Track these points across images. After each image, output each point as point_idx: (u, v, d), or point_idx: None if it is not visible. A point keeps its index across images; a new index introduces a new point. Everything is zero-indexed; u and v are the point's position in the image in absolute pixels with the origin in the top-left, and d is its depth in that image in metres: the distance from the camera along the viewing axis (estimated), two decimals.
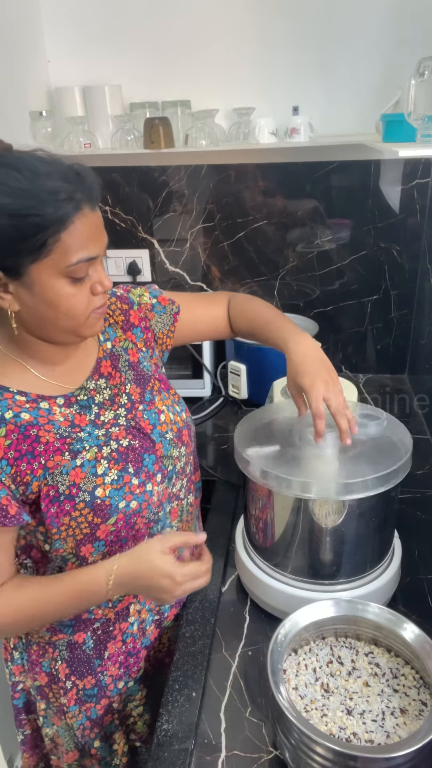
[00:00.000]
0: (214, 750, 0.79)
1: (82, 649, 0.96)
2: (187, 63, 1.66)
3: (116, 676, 1.00)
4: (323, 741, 0.66)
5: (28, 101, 1.66)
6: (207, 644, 0.94)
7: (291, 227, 1.77)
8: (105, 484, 0.85)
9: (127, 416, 0.92)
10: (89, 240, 0.76)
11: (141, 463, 0.90)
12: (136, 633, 1.00)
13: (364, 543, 0.93)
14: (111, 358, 0.95)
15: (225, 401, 1.76)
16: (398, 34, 1.54)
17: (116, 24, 1.65)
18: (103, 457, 0.86)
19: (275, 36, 1.61)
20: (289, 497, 0.90)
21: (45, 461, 0.81)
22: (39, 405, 0.83)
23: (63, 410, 0.85)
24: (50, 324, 0.80)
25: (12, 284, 0.76)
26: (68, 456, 0.83)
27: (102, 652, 0.97)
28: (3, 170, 0.72)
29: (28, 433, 0.80)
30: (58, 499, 0.82)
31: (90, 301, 0.80)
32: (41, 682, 0.99)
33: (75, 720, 1.00)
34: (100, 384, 0.92)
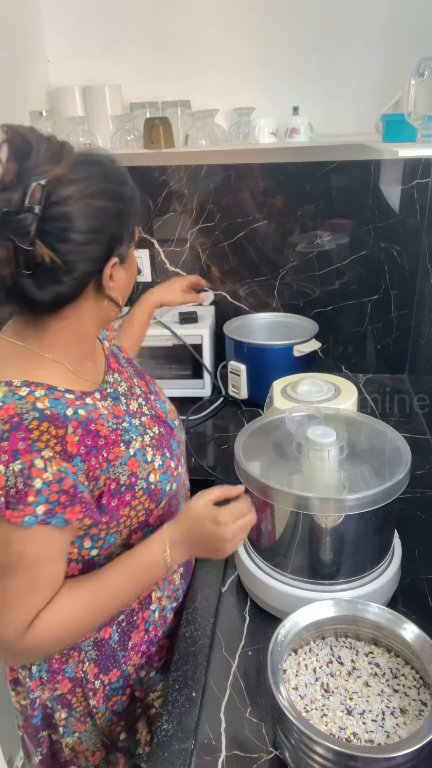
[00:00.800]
0: (214, 750, 0.79)
1: (108, 644, 0.95)
2: (187, 63, 1.66)
3: (138, 665, 0.99)
4: (323, 741, 0.66)
5: (28, 101, 1.66)
6: (207, 644, 0.94)
7: (291, 227, 1.77)
8: (155, 469, 0.89)
9: (147, 406, 0.97)
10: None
11: (171, 448, 0.96)
12: (157, 621, 1.00)
13: (364, 543, 0.93)
14: (113, 355, 1.00)
15: (225, 401, 1.76)
16: (398, 34, 1.54)
17: (116, 24, 1.66)
18: (147, 444, 0.90)
19: (275, 36, 1.61)
20: (289, 497, 0.90)
21: (107, 454, 0.82)
22: (86, 401, 0.83)
23: (103, 403, 0.87)
24: (122, 302, 0.87)
25: (117, 270, 0.82)
26: (123, 447, 0.85)
27: (126, 643, 0.97)
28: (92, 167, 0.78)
29: (89, 428, 0.81)
30: (119, 491, 0.84)
31: None
32: (63, 690, 0.95)
33: (103, 719, 0.98)
34: (116, 377, 0.95)
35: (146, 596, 0.98)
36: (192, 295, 1.33)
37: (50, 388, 0.79)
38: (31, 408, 0.74)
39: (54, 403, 0.77)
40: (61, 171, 0.71)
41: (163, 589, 1.01)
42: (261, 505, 0.96)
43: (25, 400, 0.75)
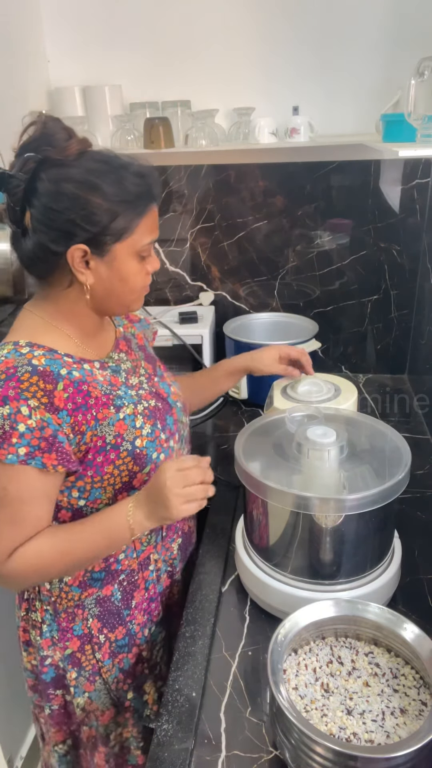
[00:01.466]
0: (214, 750, 0.79)
1: (110, 601, 1.02)
2: (187, 63, 1.66)
3: (142, 623, 1.06)
4: (323, 741, 0.66)
5: (28, 101, 1.66)
6: (207, 644, 0.94)
7: (291, 227, 1.77)
8: (142, 436, 0.96)
9: (148, 383, 1.05)
10: (155, 226, 0.92)
11: (165, 421, 1.02)
12: (155, 579, 1.07)
13: (364, 543, 0.93)
14: (125, 339, 1.08)
15: (225, 401, 1.76)
16: (398, 34, 1.54)
17: (116, 24, 1.66)
18: (139, 413, 0.97)
19: (275, 36, 1.61)
20: (289, 497, 0.90)
21: (96, 413, 0.91)
22: (83, 366, 0.93)
23: (101, 372, 0.96)
24: (115, 296, 0.93)
25: (93, 260, 0.88)
26: (113, 409, 0.93)
27: (129, 602, 1.04)
28: (95, 162, 0.86)
29: (80, 388, 0.89)
30: (104, 448, 0.92)
31: (145, 279, 0.95)
32: (73, 649, 1.03)
33: (110, 674, 1.05)
34: (122, 356, 1.04)
35: (145, 558, 1.04)
36: (283, 367, 1.24)
37: (50, 350, 0.90)
38: (26, 363, 0.86)
39: (50, 362, 0.88)
40: (55, 154, 0.84)
41: (160, 552, 1.07)
42: (261, 505, 0.96)
43: (24, 357, 0.87)
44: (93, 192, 0.84)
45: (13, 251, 0.92)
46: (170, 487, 0.86)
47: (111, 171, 0.86)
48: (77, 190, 0.84)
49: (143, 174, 0.89)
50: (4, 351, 0.88)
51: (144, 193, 0.88)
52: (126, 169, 0.87)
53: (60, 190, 0.83)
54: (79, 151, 0.86)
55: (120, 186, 0.86)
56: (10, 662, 1.49)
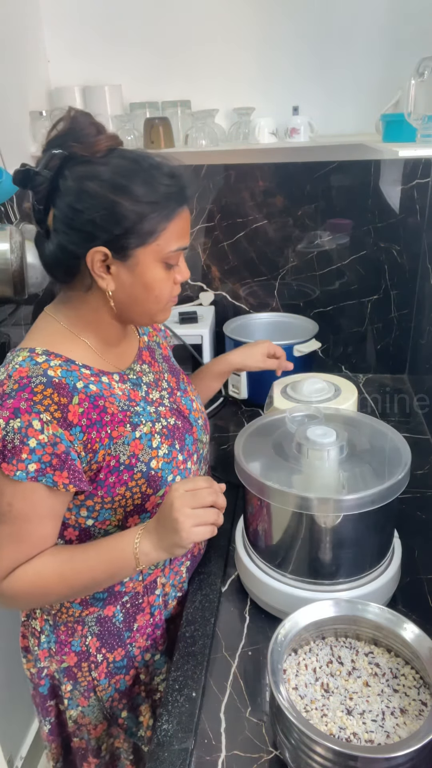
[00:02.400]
0: (214, 750, 0.79)
1: (111, 622, 0.98)
2: (187, 63, 1.66)
3: (144, 647, 1.02)
4: (323, 741, 0.66)
5: (28, 101, 1.66)
6: (207, 644, 0.94)
7: (291, 227, 1.77)
8: (158, 457, 0.91)
9: (169, 399, 1.00)
10: (185, 232, 0.86)
11: (184, 441, 0.98)
12: (161, 605, 1.03)
13: (364, 543, 0.93)
14: (149, 350, 1.04)
15: (225, 401, 1.76)
16: (398, 34, 1.54)
17: (116, 24, 1.66)
18: (157, 432, 0.92)
19: (275, 36, 1.61)
20: (289, 497, 0.90)
21: (111, 431, 0.86)
22: (101, 379, 0.89)
23: (120, 385, 0.92)
24: (139, 305, 0.88)
25: (115, 265, 0.83)
26: (129, 428, 0.89)
27: (131, 624, 1.00)
28: (123, 160, 0.81)
29: (96, 403, 0.85)
30: (117, 468, 0.87)
31: (172, 289, 0.90)
32: (69, 663, 1.00)
33: (105, 693, 1.02)
34: (144, 368, 1.00)
35: (151, 581, 1.00)
36: (273, 361, 1.26)
37: (67, 361, 0.86)
38: (41, 374, 0.81)
39: (66, 374, 0.84)
40: (82, 150, 0.80)
41: (168, 577, 1.03)
42: (261, 505, 0.96)
43: (39, 366, 0.82)
44: (117, 191, 0.79)
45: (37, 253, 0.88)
46: (179, 507, 0.80)
47: (139, 170, 0.81)
48: (100, 188, 0.79)
49: (175, 175, 0.84)
50: (19, 359, 0.83)
51: (174, 195, 0.83)
52: (157, 169, 0.83)
53: (83, 189, 0.79)
54: (108, 147, 0.82)
55: (148, 187, 0.81)
56: (10, 663, 1.49)
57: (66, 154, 0.80)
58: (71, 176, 0.80)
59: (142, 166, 0.81)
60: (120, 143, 0.85)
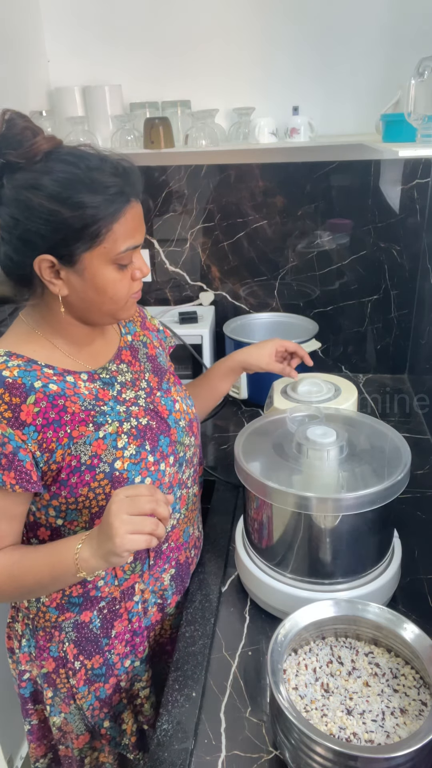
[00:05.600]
0: (214, 750, 0.79)
1: (89, 628, 0.97)
2: (187, 63, 1.66)
3: (123, 654, 1.01)
4: (323, 741, 0.66)
5: (28, 101, 1.66)
6: (207, 644, 0.94)
7: (291, 227, 1.77)
8: (124, 457, 0.89)
9: (147, 399, 0.98)
10: (135, 230, 0.84)
11: (157, 442, 0.95)
12: (140, 612, 1.01)
13: (364, 543, 0.93)
14: (131, 349, 1.02)
15: (225, 401, 1.76)
16: (398, 34, 1.54)
17: (116, 24, 1.66)
18: (124, 431, 0.90)
19: (275, 36, 1.61)
20: (289, 497, 0.90)
21: (70, 430, 0.85)
22: (65, 378, 0.88)
23: (87, 384, 0.91)
24: (95, 307, 0.87)
25: (63, 270, 0.82)
26: (92, 427, 0.87)
27: (109, 631, 0.99)
28: (61, 165, 0.79)
29: (56, 402, 0.85)
30: (79, 469, 0.86)
31: (130, 286, 0.87)
32: (48, 669, 1.00)
33: (85, 701, 1.01)
34: (121, 368, 0.98)
35: (129, 587, 0.98)
36: (277, 366, 1.18)
37: (29, 361, 0.85)
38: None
39: (24, 374, 0.83)
40: (17, 157, 0.78)
41: (147, 583, 1.01)
42: (261, 505, 0.96)
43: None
44: (55, 199, 0.77)
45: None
46: (116, 512, 0.76)
47: (78, 174, 0.78)
48: (37, 198, 0.77)
49: (118, 173, 0.81)
50: None
51: (117, 195, 0.80)
52: (97, 170, 0.79)
53: (20, 199, 0.78)
54: (46, 151, 0.79)
55: (87, 190, 0.78)
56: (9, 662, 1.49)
57: (3, 162, 0.78)
58: (9, 186, 0.79)
59: (80, 169, 0.79)
60: (58, 143, 0.82)
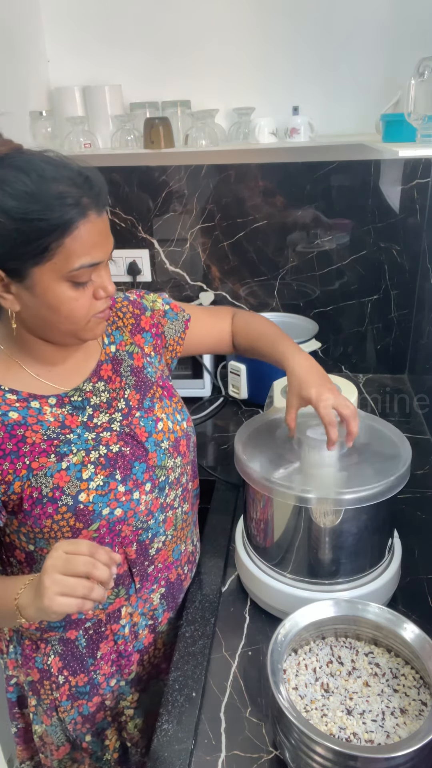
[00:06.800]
0: (214, 750, 0.79)
1: (74, 645, 0.96)
2: (187, 63, 1.66)
3: (108, 674, 0.99)
4: (323, 741, 0.66)
5: (28, 101, 1.66)
6: (207, 644, 0.94)
7: (291, 227, 1.77)
8: (89, 489, 0.84)
9: (123, 422, 0.91)
10: (93, 246, 0.76)
11: (130, 470, 0.89)
12: (128, 636, 0.98)
13: (364, 543, 0.93)
14: (113, 361, 0.95)
15: (225, 401, 1.76)
16: (398, 34, 1.54)
17: (116, 24, 1.65)
18: (90, 461, 0.85)
19: (275, 36, 1.61)
20: (289, 497, 0.90)
21: (30, 462, 0.81)
22: (29, 404, 0.83)
23: (54, 410, 0.85)
24: (51, 326, 0.80)
25: (14, 285, 0.76)
26: (54, 458, 0.83)
27: (95, 652, 0.97)
28: (11, 172, 0.73)
29: (14, 432, 0.80)
30: (41, 501, 0.82)
31: (92, 305, 0.80)
32: (33, 678, 0.99)
33: (67, 714, 1.00)
34: (98, 387, 0.91)
35: (115, 610, 0.95)
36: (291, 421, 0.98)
37: None
38: None
39: None
40: None
41: (136, 606, 0.98)
42: (261, 505, 0.96)
43: None
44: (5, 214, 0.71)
45: None
46: (48, 569, 0.70)
47: (26, 182, 0.72)
48: None
49: (77, 184, 0.74)
50: None
51: (70, 208, 0.72)
52: (51, 179, 0.73)
53: None
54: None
55: (35, 201, 0.71)
56: None
57: None
58: None
59: (30, 178, 0.72)
60: (15, 147, 0.77)
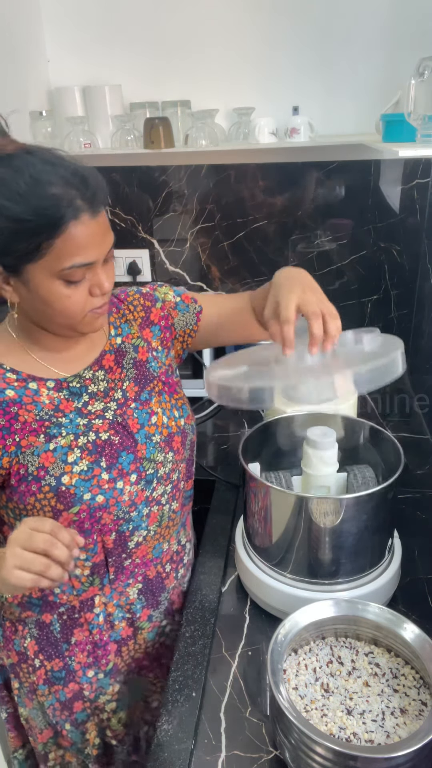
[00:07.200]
0: (214, 750, 0.79)
1: (49, 629, 0.97)
2: (187, 63, 1.66)
3: (84, 663, 1.00)
4: (323, 741, 0.66)
5: (28, 101, 1.66)
6: (207, 644, 0.94)
7: (291, 227, 1.77)
8: (72, 472, 0.86)
9: (117, 411, 0.93)
10: (85, 247, 0.77)
11: (116, 459, 0.90)
12: (102, 625, 0.99)
13: (364, 543, 0.93)
14: (116, 353, 0.97)
15: None
16: (398, 34, 1.54)
17: (116, 24, 1.65)
18: (78, 446, 0.87)
19: (275, 36, 1.61)
20: (289, 497, 0.90)
21: (19, 439, 0.84)
22: (27, 384, 0.87)
23: (51, 393, 0.88)
24: (48, 319, 0.84)
25: (12, 279, 0.80)
26: (42, 438, 0.85)
27: (69, 637, 0.98)
28: (9, 172, 0.74)
29: (8, 409, 0.84)
30: (26, 478, 0.85)
31: (87, 302, 0.82)
32: (13, 660, 1.01)
33: (45, 699, 1.01)
34: (98, 375, 0.94)
35: (89, 598, 0.96)
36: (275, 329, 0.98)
37: None
38: None
39: None
40: None
41: (110, 596, 0.98)
42: (261, 505, 0.96)
43: None
44: None
45: None
46: (11, 541, 0.73)
47: (19, 182, 0.73)
48: None
49: (73, 185, 0.75)
50: None
51: (62, 209, 0.74)
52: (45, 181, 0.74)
53: None
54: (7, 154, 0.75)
55: (26, 203, 0.73)
56: None
57: None
58: None
59: (23, 177, 0.73)
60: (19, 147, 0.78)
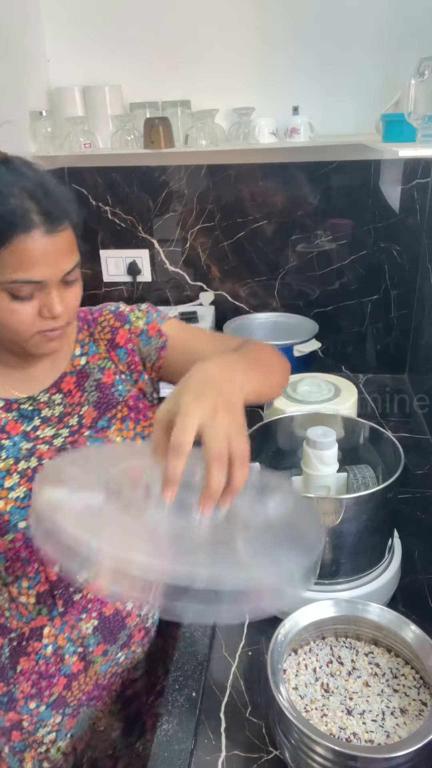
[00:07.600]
0: (214, 750, 0.79)
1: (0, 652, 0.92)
2: (187, 63, 1.66)
3: (27, 693, 0.93)
4: (323, 741, 0.66)
5: (28, 101, 1.66)
6: (207, 644, 0.94)
7: (291, 227, 1.77)
8: (8, 498, 0.82)
9: (67, 438, 0.89)
10: (33, 263, 0.74)
11: None
12: (50, 657, 0.92)
13: (364, 543, 0.93)
14: (78, 375, 0.93)
15: None
16: (398, 34, 1.54)
17: (116, 24, 1.66)
18: (17, 471, 0.83)
19: (275, 36, 1.61)
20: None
21: None
22: None
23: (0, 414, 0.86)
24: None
25: None
26: None
27: (15, 665, 0.92)
28: None
29: None
30: None
31: (34, 322, 0.78)
32: None
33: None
34: (54, 399, 0.90)
35: (37, 627, 0.90)
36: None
37: None
38: None
39: None
40: None
41: (61, 629, 0.91)
42: None
43: None
44: None
45: None
46: None
47: None
48: None
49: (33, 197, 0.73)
50: None
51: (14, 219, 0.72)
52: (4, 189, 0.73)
53: None
54: None
55: None
56: None
57: None
58: None
59: None
60: None
